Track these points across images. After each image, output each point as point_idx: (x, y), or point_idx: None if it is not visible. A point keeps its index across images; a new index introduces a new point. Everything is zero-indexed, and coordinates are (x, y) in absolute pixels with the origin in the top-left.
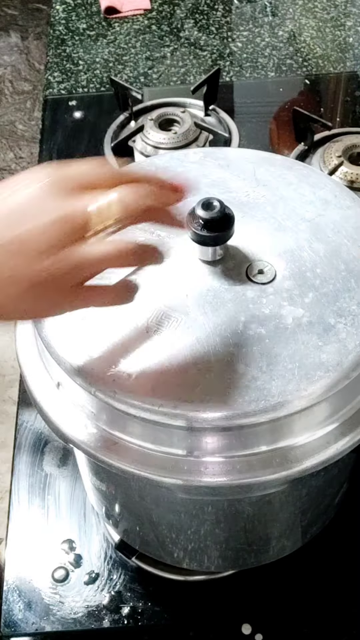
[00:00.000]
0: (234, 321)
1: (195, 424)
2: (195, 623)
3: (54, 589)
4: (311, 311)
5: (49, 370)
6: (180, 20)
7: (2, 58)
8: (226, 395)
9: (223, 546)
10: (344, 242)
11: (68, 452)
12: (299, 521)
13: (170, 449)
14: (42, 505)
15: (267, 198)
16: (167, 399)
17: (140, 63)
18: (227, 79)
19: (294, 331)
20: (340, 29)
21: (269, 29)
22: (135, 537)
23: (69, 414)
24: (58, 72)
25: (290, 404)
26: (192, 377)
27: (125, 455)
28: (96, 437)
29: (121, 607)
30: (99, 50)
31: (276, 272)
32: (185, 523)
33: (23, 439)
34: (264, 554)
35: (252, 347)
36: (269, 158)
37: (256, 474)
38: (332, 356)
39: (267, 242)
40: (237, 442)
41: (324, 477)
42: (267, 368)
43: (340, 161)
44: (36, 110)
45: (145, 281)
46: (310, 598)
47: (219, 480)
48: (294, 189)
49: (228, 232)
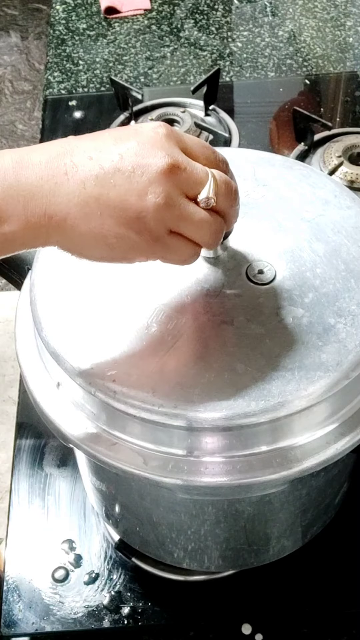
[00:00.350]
0: (234, 321)
1: (195, 424)
2: (195, 623)
3: (54, 589)
4: (311, 311)
5: (49, 370)
6: (180, 20)
7: (2, 58)
8: (226, 396)
9: (223, 546)
10: (344, 242)
11: (68, 452)
12: (299, 521)
13: (170, 449)
14: (42, 505)
15: (267, 198)
16: (167, 399)
17: (140, 63)
18: (227, 79)
19: (294, 331)
20: (340, 29)
21: (269, 29)
22: (135, 537)
23: (69, 414)
24: (58, 72)
25: (291, 404)
26: (192, 377)
27: (125, 455)
28: (96, 437)
29: (121, 607)
30: (99, 50)
31: (276, 272)
32: (185, 523)
33: (23, 439)
34: (264, 554)
35: (252, 347)
36: (269, 158)
37: (256, 474)
38: (332, 356)
39: (267, 242)
40: (237, 442)
41: (324, 477)
42: (267, 368)
43: (340, 161)
44: (36, 110)
45: (145, 281)
46: (310, 598)
47: (219, 480)
48: (293, 189)
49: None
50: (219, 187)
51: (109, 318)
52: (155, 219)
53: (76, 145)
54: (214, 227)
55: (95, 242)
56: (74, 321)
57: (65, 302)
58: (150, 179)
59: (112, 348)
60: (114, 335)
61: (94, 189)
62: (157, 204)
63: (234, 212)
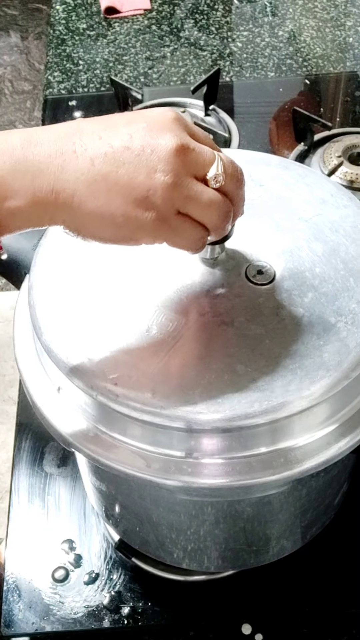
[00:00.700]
0: (234, 322)
1: (196, 425)
2: (195, 623)
3: (54, 589)
4: (311, 311)
5: (49, 374)
6: (180, 20)
7: (2, 58)
8: (226, 397)
9: (223, 546)
10: (342, 241)
11: (68, 452)
12: (299, 521)
13: (170, 451)
14: (42, 505)
15: (264, 198)
16: (167, 401)
17: (140, 63)
18: (227, 79)
19: (294, 331)
20: (340, 29)
21: (269, 29)
22: (135, 537)
23: (70, 417)
24: (58, 72)
25: (291, 404)
26: (192, 378)
27: (126, 458)
28: (97, 439)
29: (121, 607)
30: (99, 50)
31: (275, 273)
32: (185, 523)
33: (23, 439)
34: (263, 554)
35: (252, 348)
36: (265, 159)
37: (256, 475)
38: (333, 356)
39: (266, 242)
40: (237, 444)
41: (324, 478)
42: (268, 369)
43: (340, 161)
44: (36, 110)
45: (145, 282)
46: (310, 598)
47: (219, 481)
48: (290, 189)
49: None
50: (226, 167)
51: (108, 320)
52: (164, 198)
53: (86, 126)
54: (223, 209)
55: (101, 220)
56: (74, 324)
57: (64, 305)
58: (159, 157)
59: (112, 350)
60: (113, 337)
61: (103, 167)
62: (165, 183)
63: (241, 195)
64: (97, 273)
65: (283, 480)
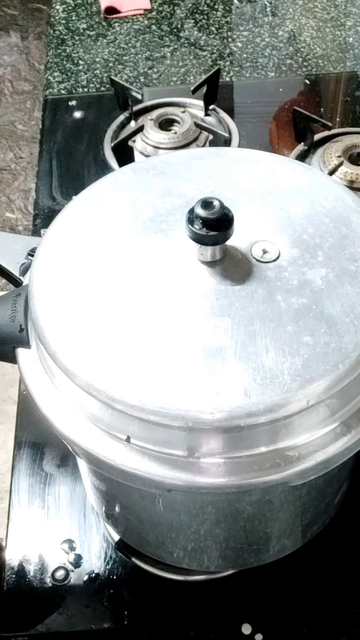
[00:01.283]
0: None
1: (196, 425)
2: (195, 623)
3: (54, 589)
4: (327, 266)
5: (49, 375)
6: (180, 20)
7: (2, 58)
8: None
9: (223, 546)
10: (313, 200)
11: (68, 452)
12: (299, 521)
13: (170, 450)
14: (42, 505)
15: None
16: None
17: (140, 63)
18: (227, 79)
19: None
20: (340, 29)
21: (269, 29)
22: (135, 537)
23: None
24: (58, 72)
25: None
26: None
27: (126, 458)
28: (97, 440)
29: (121, 607)
30: (99, 50)
31: (280, 251)
32: (185, 523)
33: (23, 439)
34: (264, 554)
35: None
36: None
37: (256, 474)
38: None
39: (252, 223)
40: (237, 443)
41: (324, 477)
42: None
43: (340, 161)
44: (36, 110)
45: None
46: (310, 598)
47: (219, 481)
48: (248, 173)
49: (228, 231)
50: None
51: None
52: None
53: None
54: None
55: None
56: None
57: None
58: None
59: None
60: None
61: None
62: None
63: None
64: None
65: (283, 480)
